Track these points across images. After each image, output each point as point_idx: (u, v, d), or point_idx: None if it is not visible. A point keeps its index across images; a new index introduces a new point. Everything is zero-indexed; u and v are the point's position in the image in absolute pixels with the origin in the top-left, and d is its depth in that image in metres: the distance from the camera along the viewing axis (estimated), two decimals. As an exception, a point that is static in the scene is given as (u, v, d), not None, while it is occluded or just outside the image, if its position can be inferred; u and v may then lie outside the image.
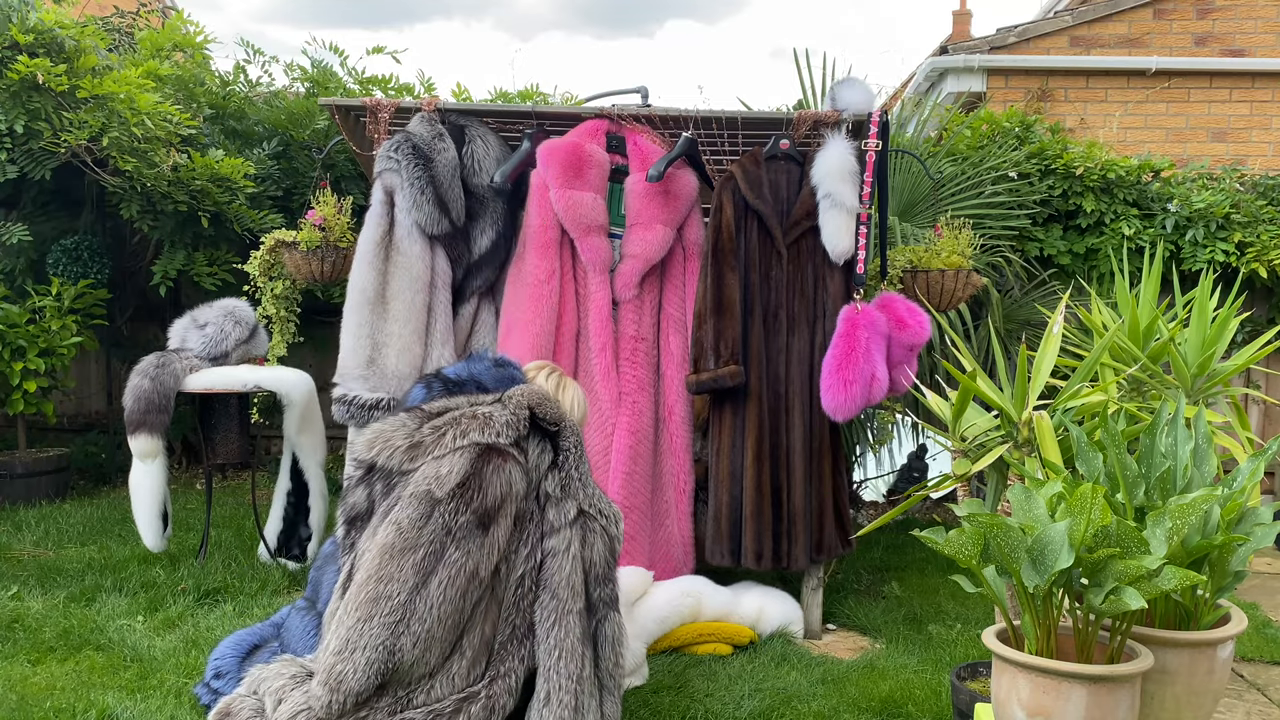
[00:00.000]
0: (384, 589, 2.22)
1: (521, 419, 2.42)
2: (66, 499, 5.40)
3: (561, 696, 2.30)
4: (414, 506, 2.28)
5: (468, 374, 2.57)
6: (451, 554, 2.26)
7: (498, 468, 2.33)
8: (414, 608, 2.22)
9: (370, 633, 2.19)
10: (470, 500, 2.29)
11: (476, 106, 3.93)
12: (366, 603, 2.22)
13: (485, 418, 2.39)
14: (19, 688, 2.90)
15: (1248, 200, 5.35)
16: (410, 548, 2.24)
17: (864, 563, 4.47)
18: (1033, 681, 2.01)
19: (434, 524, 2.26)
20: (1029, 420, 2.53)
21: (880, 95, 5.42)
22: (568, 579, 2.38)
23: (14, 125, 4.65)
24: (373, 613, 2.21)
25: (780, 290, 3.54)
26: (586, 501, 2.47)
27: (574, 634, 2.36)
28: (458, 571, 2.26)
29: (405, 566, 2.23)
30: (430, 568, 2.24)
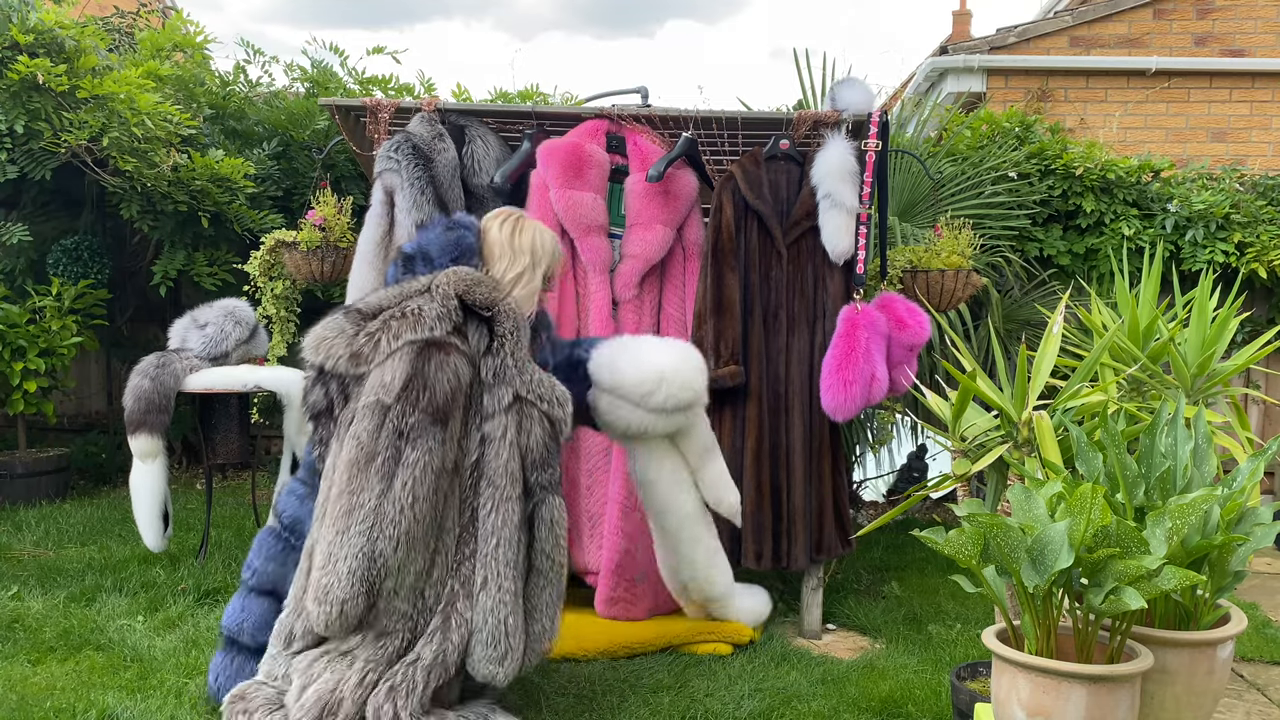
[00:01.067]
0: (355, 500, 2.29)
1: (451, 309, 2.42)
2: (66, 499, 5.40)
3: (500, 582, 2.35)
4: (368, 418, 2.33)
5: (418, 248, 2.60)
6: (409, 455, 2.31)
7: (440, 363, 2.36)
8: (384, 511, 2.28)
9: (349, 543, 2.26)
10: (417, 400, 2.33)
11: (476, 106, 3.93)
12: (341, 516, 2.29)
13: (415, 314, 2.40)
14: (19, 688, 2.90)
15: (1248, 200, 5.35)
16: (370, 456, 2.30)
17: (864, 563, 4.47)
18: (1033, 681, 2.01)
19: (387, 430, 2.31)
20: (1029, 420, 2.53)
21: (880, 95, 5.43)
22: (504, 466, 2.40)
23: (14, 125, 4.65)
24: (348, 524, 2.27)
25: (780, 290, 3.54)
26: (524, 387, 2.45)
27: (511, 522, 2.39)
28: (422, 470, 2.31)
29: (370, 475, 2.29)
30: (391, 471, 2.30)
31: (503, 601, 2.35)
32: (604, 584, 3.48)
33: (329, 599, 2.26)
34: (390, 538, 2.28)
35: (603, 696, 2.96)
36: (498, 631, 2.34)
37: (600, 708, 2.88)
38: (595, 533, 3.53)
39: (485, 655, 2.34)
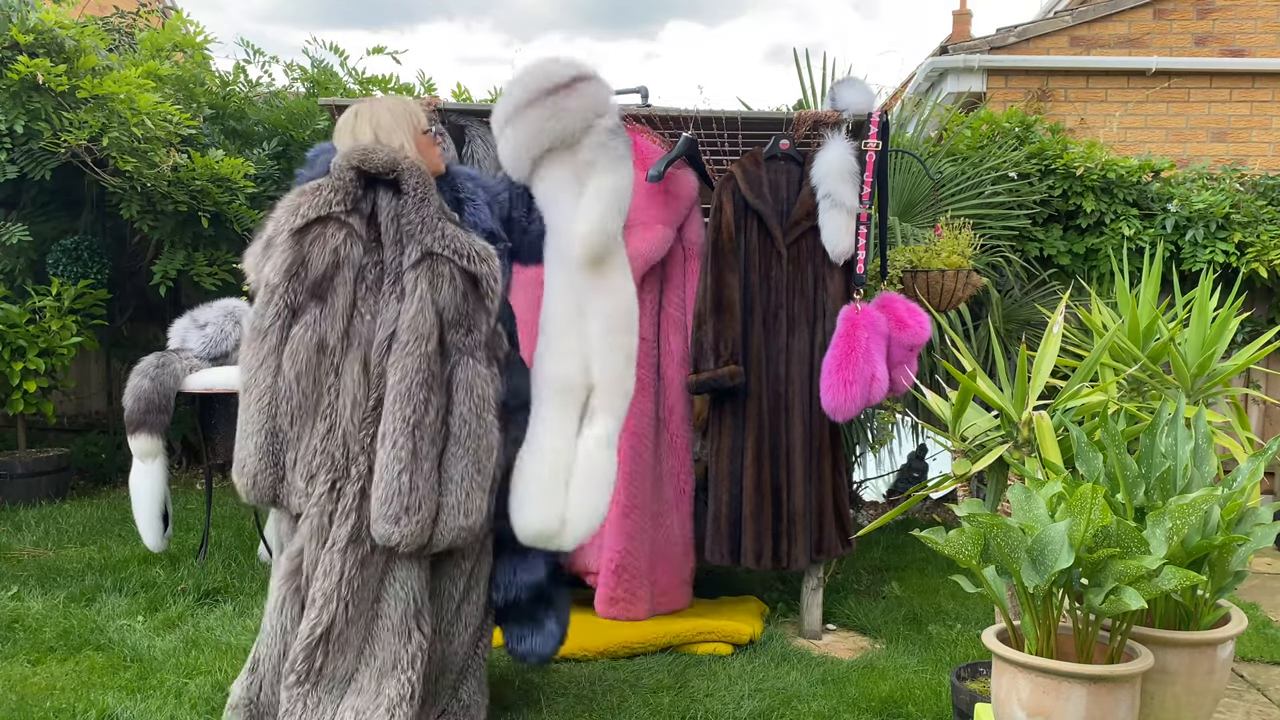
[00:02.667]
0: (253, 377, 2.36)
1: (348, 180, 2.40)
2: (66, 499, 5.40)
3: (396, 439, 2.32)
4: (260, 298, 2.38)
5: None
6: (294, 330, 2.36)
7: (318, 236, 2.37)
8: (278, 388, 2.35)
9: (252, 418, 2.36)
10: (301, 276, 2.36)
11: (476, 106, 3.92)
12: (244, 392, 2.37)
13: (313, 189, 2.40)
14: (19, 688, 2.90)
15: (1248, 200, 5.34)
16: (262, 334, 2.35)
17: (864, 563, 4.47)
18: (1033, 681, 2.01)
19: (275, 307, 2.34)
20: (1029, 420, 2.53)
21: (880, 95, 5.42)
22: (411, 322, 2.36)
23: (14, 125, 4.65)
24: (249, 400, 2.36)
25: (780, 290, 3.54)
26: (436, 243, 2.40)
27: (411, 377, 2.34)
28: (303, 345, 2.34)
29: (263, 351, 2.35)
30: (279, 347, 2.35)
31: (398, 458, 2.30)
32: (604, 584, 3.48)
33: (244, 472, 2.36)
34: (285, 413, 2.35)
35: (603, 696, 2.96)
36: (390, 488, 2.29)
37: (600, 708, 2.88)
38: (595, 533, 3.53)
39: (379, 513, 2.30)
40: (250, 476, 2.36)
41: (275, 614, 2.40)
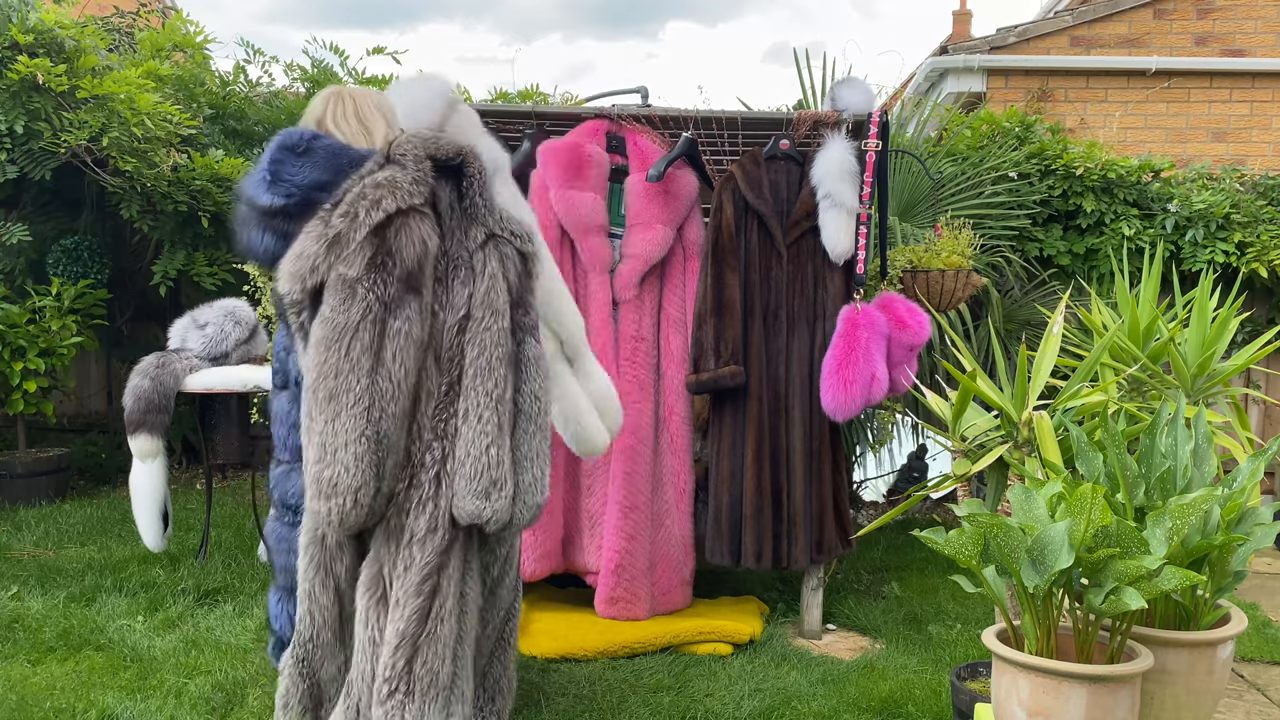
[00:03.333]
0: (340, 382, 2.10)
1: (425, 171, 2.29)
2: (66, 499, 5.40)
3: (481, 413, 2.22)
4: (334, 295, 2.16)
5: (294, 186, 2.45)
6: (393, 325, 2.18)
7: (402, 228, 2.22)
8: (379, 388, 2.14)
9: (345, 427, 2.09)
10: (389, 269, 2.18)
11: (476, 106, 3.92)
12: (326, 402, 2.10)
13: (390, 183, 2.23)
14: (19, 688, 2.90)
15: (1248, 200, 5.35)
16: (343, 332, 2.13)
17: (864, 563, 4.47)
18: (1033, 681, 2.01)
19: (361, 303, 2.15)
20: (1029, 420, 2.53)
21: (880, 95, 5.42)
22: (485, 298, 2.28)
23: (14, 125, 4.65)
24: (338, 409, 2.10)
25: (780, 290, 3.54)
26: (496, 225, 2.35)
27: (490, 352, 2.26)
28: (405, 339, 2.18)
29: (352, 352, 2.12)
30: (378, 345, 2.15)
31: (484, 432, 2.20)
32: (604, 584, 3.48)
33: (339, 490, 2.08)
34: (391, 415, 2.14)
35: (603, 696, 2.96)
36: (479, 463, 2.19)
37: (600, 708, 2.88)
38: (595, 533, 3.53)
39: (468, 490, 2.18)
40: (350, 493, 2.08)
41: (361, 628, 2.23)
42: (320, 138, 2.46)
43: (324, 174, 2.41)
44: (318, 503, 2.10)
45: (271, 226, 2.42)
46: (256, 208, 2.42)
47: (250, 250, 2.48)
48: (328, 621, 2.28)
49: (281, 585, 2.62)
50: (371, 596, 2.22)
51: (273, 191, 2.41)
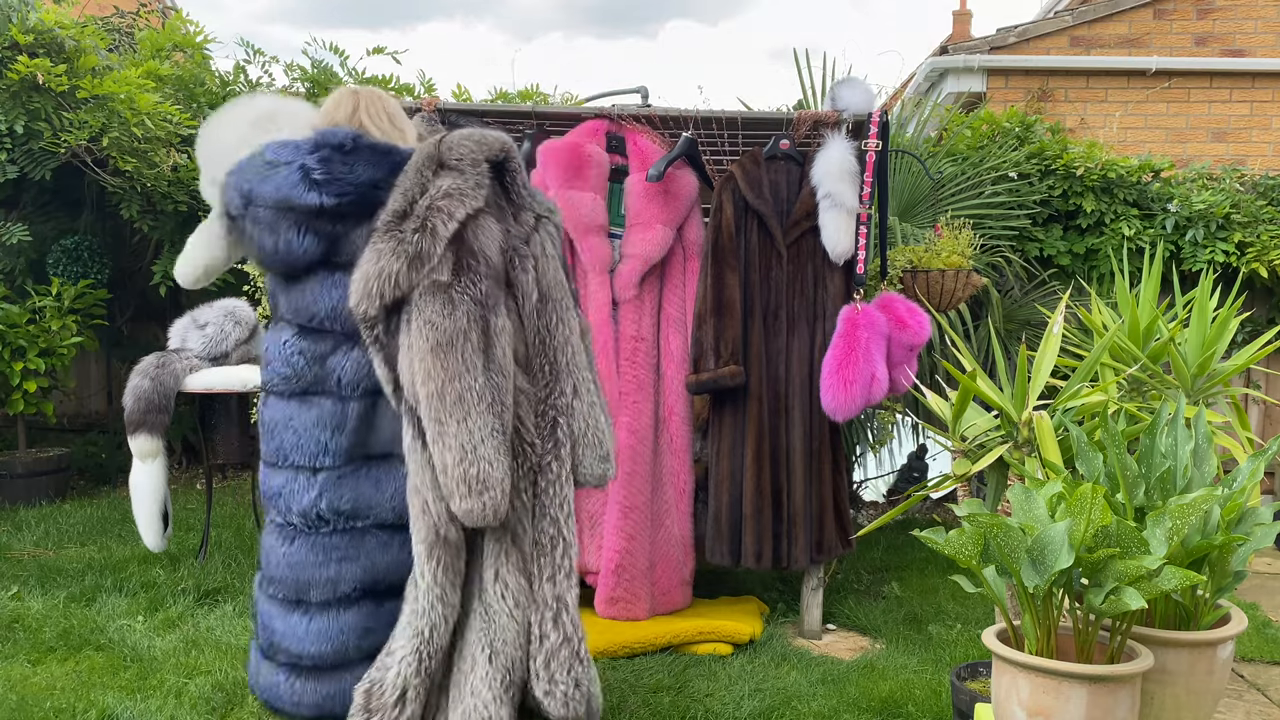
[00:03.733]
0: (463, 384, 2.18)
1: (483, 174, 2.33)
2: (66, 499, 5.40)
3: (587, 386, 2.41)
4: (432, 302, 2.21)
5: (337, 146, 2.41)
6: (495, 322, 2.27)
7: (479, 228, 2.29)
8: (497, 384, 2.24)
9: (478, 424, 2.18)
10: (478, 270, 2.26)
11: (476, 107, 3.93)
12: (455, 404, 2.17)
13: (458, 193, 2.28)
14: (19, 688, 2.90)
15: (1248, 200, 5.35)
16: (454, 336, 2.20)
17: (864, 563, 4.47)
18: (1033, 681, 2.01)
19: (462, 305, 2.22)
20: (1029, 420, 2.53)
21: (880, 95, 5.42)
22: (554, 278, 2.41)
23: (14, 125, 4.65)
24: (465, 410, 2.17)
25: (780, 290, 3.54)
26: (539, 206, 2.45)
27: (575, 329, 2.44)
28: (508, 335, 2.29)
29: (466, 352, 2.20)
30: (486, 343, 2.24)
31: (593, 404, 2.41)
32: (604, 584, 3.48)
33: (489, 484, 2.16)
34: (509, 406, 2.26)
35: (602, 696, 2.95)
36: (598, 431, 2.40)
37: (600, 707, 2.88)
38: (595, 533, 3.53)
39: (592, 456, 2.41)
40: (498, 486, 2.17)
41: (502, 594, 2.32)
42: (362, 136, 2.42)
43: (378, 172, 2.37)
44: (470, 502, 2.16)
45: (315, 228, 2.35)
46: (298, 208, 2.33)
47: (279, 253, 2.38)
48: (450, 622, 2.29)
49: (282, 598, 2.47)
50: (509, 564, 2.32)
51: (323, 191, 2.33)
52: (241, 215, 2.40)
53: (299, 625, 2.38)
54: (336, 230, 2.36)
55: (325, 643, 2.37)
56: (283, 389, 2.43)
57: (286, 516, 2.42)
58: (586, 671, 2.36)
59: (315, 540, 2.40)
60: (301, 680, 2.38)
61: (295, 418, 2.41)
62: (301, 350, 2.42)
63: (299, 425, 2.40)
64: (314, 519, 2.39)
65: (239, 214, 2.41)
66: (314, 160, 2.35)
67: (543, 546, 2.37)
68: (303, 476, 2.40)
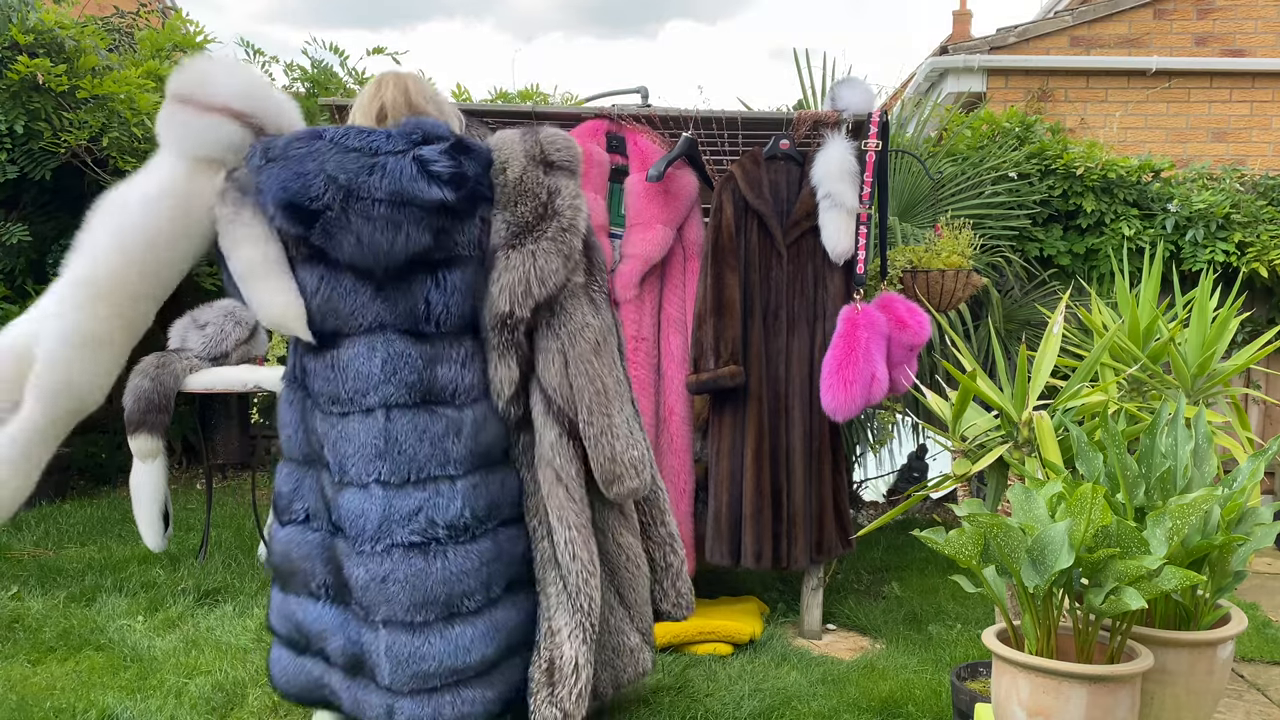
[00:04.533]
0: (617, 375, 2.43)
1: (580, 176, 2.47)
2: (66, 499, 5.40)
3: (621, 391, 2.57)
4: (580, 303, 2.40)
5: None
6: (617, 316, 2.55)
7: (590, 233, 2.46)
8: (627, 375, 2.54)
9: (630, 413, 2.46)
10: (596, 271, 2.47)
11: (476, 107, 3.92)
12: (616, 395, 2.41)
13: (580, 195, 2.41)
14: (19, 688, 2.90)
15: (1248, 200, 5.35)
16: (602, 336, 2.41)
17: (864, 563, 4.47)
18: (1033, 681, 2.01)
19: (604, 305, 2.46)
20: (1029, 420, 2.53)
21: (880, 95, 5.42)
22: None
23: (14, 125, 4.65)
24: (623, 399, 2.44)
25: (780, 290, 3.54)
26: None
27: None
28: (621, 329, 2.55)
29: (612, 347, 2.45)
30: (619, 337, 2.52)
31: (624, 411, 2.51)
32: (604, 584, 3.48)
33: (644, 463, 2.43)
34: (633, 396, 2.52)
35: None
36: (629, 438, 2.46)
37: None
38: (595, 533, 3.53)
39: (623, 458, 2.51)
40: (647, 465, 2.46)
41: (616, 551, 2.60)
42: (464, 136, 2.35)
43: (479, 166, 2.30)
44: (635, 481, 2.41)
45: (433, 224, 2.24)
46: (419, 203, 2.20)
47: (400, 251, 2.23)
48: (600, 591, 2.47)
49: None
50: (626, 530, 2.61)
51: (447, 186, 2.21)
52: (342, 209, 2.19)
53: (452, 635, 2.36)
54: (447, 226, 2.27)
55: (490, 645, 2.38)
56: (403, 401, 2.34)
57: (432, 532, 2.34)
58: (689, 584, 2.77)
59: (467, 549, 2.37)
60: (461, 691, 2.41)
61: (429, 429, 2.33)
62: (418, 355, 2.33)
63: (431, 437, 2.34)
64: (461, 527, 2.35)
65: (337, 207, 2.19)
66: (435, 153, 2.22)
67: (650, 500, 2.68)
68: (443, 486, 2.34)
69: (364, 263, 2.25)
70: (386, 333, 2.29)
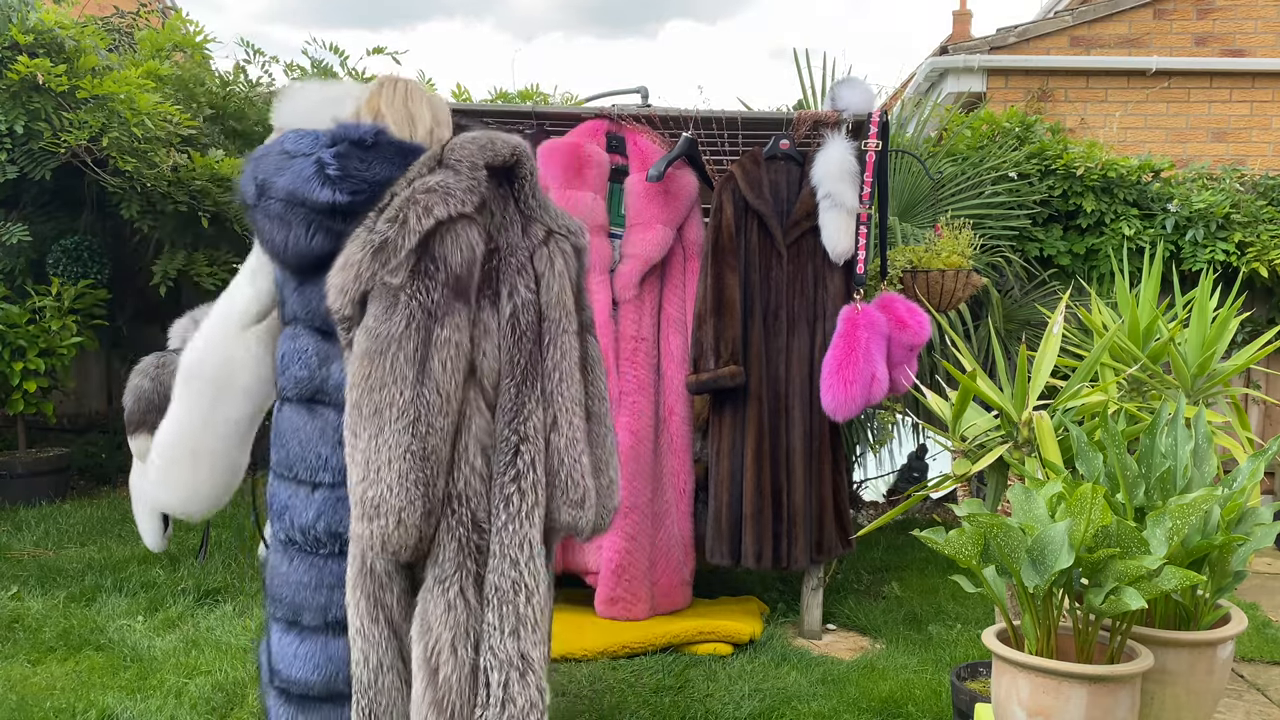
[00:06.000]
0: (384, 396, 1.99)
1: (480, 180, 2.17)
2: (66, 499, 5.40)
3: (570, 419, 2.15)
4: (375, 304, 2.03)
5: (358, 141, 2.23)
6: (440, 334, 2.05)
7: (449, 234, 2.09)
8: (426, 400, 2.02)
9: (389, 443, 1.98)
10: (434, 275, 2.06)
11: (476, 107, 3.93)
12: (370, 418, 1.99)
13: (443, 189, 2.11)
14: (19, 688, 2.90)
15: (1248, 200, 5.34)
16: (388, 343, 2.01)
17: (864, 563, 4.47)
18: (1033, 681, 2.01)
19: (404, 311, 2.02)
20: (1029, 420, 2.53)
21: (880, 95, 5.42)
22: (556, 298, 2.20)
23: (14, 125, 4.65)
24: (381, 424, 1.97)
25: (780, 290, 3.54)
26: (553, 221, 2.27)
27: (571, 356, 2.20)
28: (455, 349, 2.06)
29: (396, 363, 2.01)
30: (424, 354, 2.03)
31: (574, 440, 2.15)
32: (604, 584, 3.48)
33: (382, 510, 1.96)
34: (439, 429, 2.03)
35: (603, 696, 2.96)
36: (574, 472, 2.14)
37: (600, 708, 2.88)
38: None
39: (564, 500, 2.14)
40: (394, 513, 1.95)
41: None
42: (384, 132, 2.28)
43: (394, 170, 2.22)
44: (360, 525, 1.98)
45: (326, 226, 2.21)
46: (308, 204, 2.20)
47: (289, 249, 2.24)
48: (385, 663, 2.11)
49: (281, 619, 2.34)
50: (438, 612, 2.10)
51: (336, 188, 2.19)
52: (254, 206, 2.27)
53: (289, 647, 2.25)
54: (347, 229, 2.18)
55: (313, 670, 2.23)
56: (293, 394, 2.33)
57: (289, 533, 2.30)
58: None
59: (313, 561, 2.27)
60: (292, 709, 2.25)
61: (302, 428, 2.30)
62: (316, 352, 2.29)
63: (304, 436, 2.29)
64: (313, 539, 2.26)
65: (253, 204, 2.26)
66: (330, 155, 2.21)
67: (502, 592, 2.08)
68: (303, 491, 2.28)
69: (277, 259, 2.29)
70: (307, 328, 2.30)
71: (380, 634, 2.10)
